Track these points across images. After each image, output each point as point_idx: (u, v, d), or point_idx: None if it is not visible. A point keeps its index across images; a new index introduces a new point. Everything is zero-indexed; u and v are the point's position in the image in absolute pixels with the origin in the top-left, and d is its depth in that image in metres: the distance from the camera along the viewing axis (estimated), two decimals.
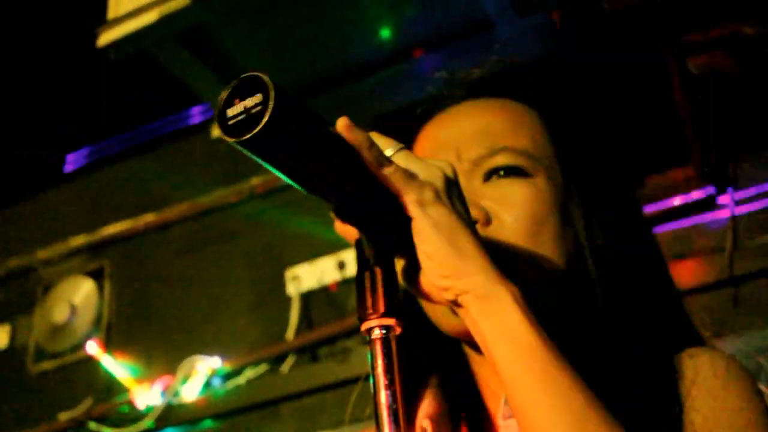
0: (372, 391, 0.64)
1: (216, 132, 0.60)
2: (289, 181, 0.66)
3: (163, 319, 3.21)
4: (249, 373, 2.92)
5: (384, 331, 0.65)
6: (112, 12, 2.57)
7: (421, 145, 0.97)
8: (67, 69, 3.27)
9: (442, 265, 0.68)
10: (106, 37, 2.62)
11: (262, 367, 2.91)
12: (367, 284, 0.67)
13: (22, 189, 3.66)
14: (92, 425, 3.07)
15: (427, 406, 0.87)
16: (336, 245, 2.95)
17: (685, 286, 1.94)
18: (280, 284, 2.99)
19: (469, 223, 0.71)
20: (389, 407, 0.62)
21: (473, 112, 0.96)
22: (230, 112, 0.61)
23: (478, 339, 0.70)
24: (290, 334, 2.90)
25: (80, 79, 3.29)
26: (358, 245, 0.71)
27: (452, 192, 0.71)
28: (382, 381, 0.63)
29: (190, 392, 2.96)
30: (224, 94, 0.62)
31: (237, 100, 0.61)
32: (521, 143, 0.90)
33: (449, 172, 0.72)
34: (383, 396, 0.63)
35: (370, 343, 0.66)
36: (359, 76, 2.77)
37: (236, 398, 2.90)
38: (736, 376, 0.76)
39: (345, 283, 2.90)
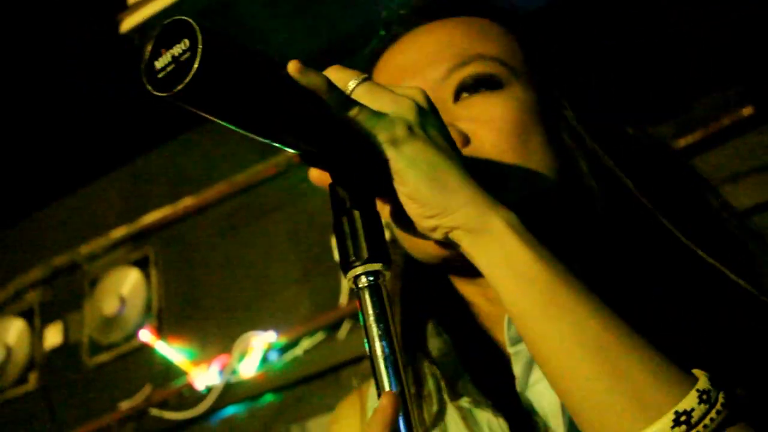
0: (365, 343, 0.60)
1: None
2: (246, 133, 0.61)
3: (213, 300, 3.22)
4: (305, 344, 2.92)
5: (371, 278, 0.61)
6: None
7: (380, 76, 0.90)
8: (91, 60, 3.26)
9: (426, 204, 0.63)
10: (128, 23, 2.59)
11: (318, 336, 2.91)
12: (347, 229, 0.62)
13: (58, 187, 3.67)
14: (154, 411, 3.10)
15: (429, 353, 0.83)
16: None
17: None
18: (327, 252, 2.98)
19: (450, 153, 0.65)
20: (386, 358, 0.58)
21: (434, 29, 0.88)
22: (158, 64, 0.56)
23: (482, 273, 0.65)
24: (343, 300, 2.89)
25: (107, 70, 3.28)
26: (332, 190, 0.65)
27: (427, 122, 0.65)
28: (375, 331, 0.59)
29: (248, 369, 2.97)
30: (149, 46, 0.57)
31: (163, 50, 0.55)
32: (491, 50, 0.83)
33: (421, 100, 0.66)
34: (378, 347, 0.59)
35: (358, 292, 0.61)
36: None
37: (295, 370, 2.92)
38: None
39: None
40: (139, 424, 3.12)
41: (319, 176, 0.68)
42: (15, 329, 3.62)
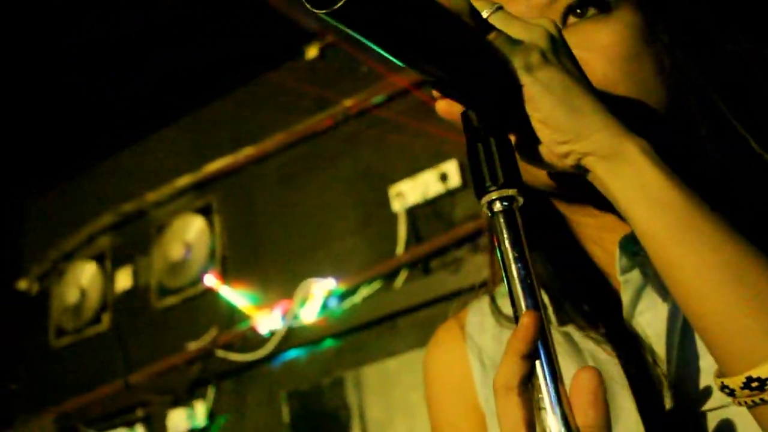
0: (501, 267, 0.59)
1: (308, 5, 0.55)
2: (387, 55, 0.61)
3: (275, 247, 3.26)
4: (364, 291, 2.95)
5: (506, 203, 0.60)
6: None
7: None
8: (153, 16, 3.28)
9: (559, 129, 0.62)
10: None
11: (376, 284, 2.94)
12: (482, 156, 0.61)
13: (126, 137, 3.74)
14: (219, 353, 3.17)
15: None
16: (436, 157, 2.94)
17: None
18: (385, 202, 3.00)
19: (583, 80, 0.65)
20: (523, 280, 0.58)
21: None
22: None
23: (611, 200, 0.63)
24: (400, 249, 2.91)
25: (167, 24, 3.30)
26: (465, 119, 0.65)
27: (559, 49, 0.64)
28: (511, 254, 0.59)
29: (309, 314, 3.01)
30: None
31: None
32: None
33: (552, 29, 0.65)
34: (514, 270, 0.58)
35: (493, 217, 0.60)
36: None
37: (354, 316, 2.95)
38: None
39: (449, 194, 2.88)
40: (206, 365, 3.20)
41: (447, 108, 0.66)
42: (88, 272, 3.73)
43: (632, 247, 0.70)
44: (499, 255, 0.60)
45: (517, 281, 0.58)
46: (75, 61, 3.29)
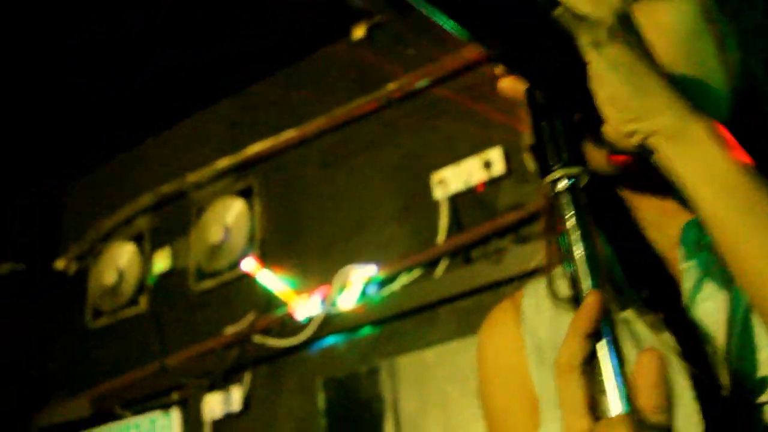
0: (563, 248, 0.59)
1: None
2: (453, 26, 0.60)
3: (314, 232, 3.26)
4: (403, 279, 2.94)
5: (571, 181, 0.59)
6: None
7: None
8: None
9: (626, 108, 0.61)
10: None
11: (416, 273, 2.93)
12: (546, 135, 0.61)
13: (167, 117, 3.74)
14: (256, 338, 3.18)
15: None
16: (480, 145, 2.91)
17: None
18: (427, 189, 2.99)
19: (649, 58, 0.63)
20: (587, 259, 0.57)
21: None
22: None
23: (675, 182, 0.62)
24: (441, 238, 2.90)
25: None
26: (530, 96, 0.64)
27: (625, 27, 0.63)
28: (575, 233, 0.58)
29: (348, 301, 3.02)
30: None
31: None
32: None
33: (618, 6, 0.64)
34: (577, 249, 0.57)
35: (557, 196, 0.60)
36: None
37: (392, 304, 2.94)
38: None
39: (493, 182, 2.87)
40: (243, 350, 3.20)
41: (511, 85, 0.65)
42: (126, 253, 3.75)
43: (695, 233, 0.70)
44: (563, 235, 0.59)
45: (580, 261, 0.57)
46: (113, 46, 3.29)
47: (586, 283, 0.56)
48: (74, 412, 3.62)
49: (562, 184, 0.59)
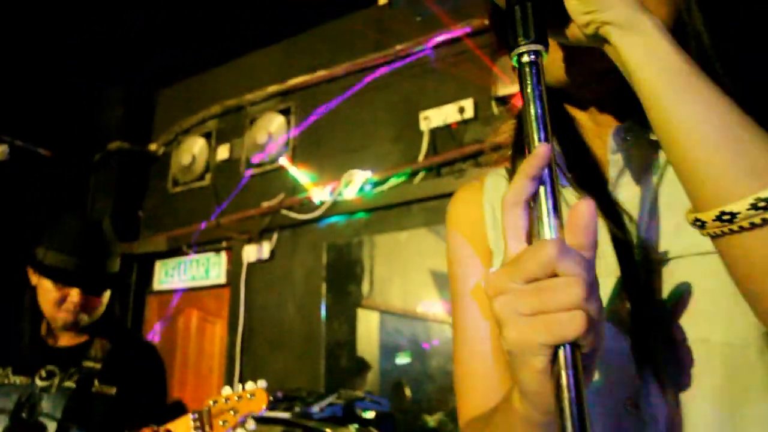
0: (521, 110, 0.51)
1: None
2: None
3: (331, 143, 3.25)
4: (391, 182, 2.94)
5: (534, 56, 0.51)
6: None
7: None
8: None
9: (585, 1, 0.52)
10: None
11: (400, 179, 2.93)
12: (518, 15, 0.52)
13: (236, 50, 3.68)
14: (284, 211, 3.22)
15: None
16: (457, 95, 2.87)
17: None
18: (415, 122, 2.97)
19: None
20: (538, 118, 0.49)
21: None
22: None
23: (623, 68, 0.54)
24: (421, 157, 2.89)
25: None
26: None
27: None
28: (531, 95, 0.50)
29: (350, 193, 3.02)
30: None
31: None
32: None
33: None
34: (532, 108, 0.49)
35: (520, 68, 0.51)
36: None
37: (382, 199, 2.96)
38: None
39: (463, 123, 2.83)
40: (273, 219, 3.24)
41: None
42: (198, 144, 3.75)
43: (622, 135, 0.63)
44: (521, 97, 0.51)
45: (533, 117, 0.49)
46: None
47: (535, 137, 0.49)
48: (156, 246, 3.69)
49: (526, 58, 0.51)
